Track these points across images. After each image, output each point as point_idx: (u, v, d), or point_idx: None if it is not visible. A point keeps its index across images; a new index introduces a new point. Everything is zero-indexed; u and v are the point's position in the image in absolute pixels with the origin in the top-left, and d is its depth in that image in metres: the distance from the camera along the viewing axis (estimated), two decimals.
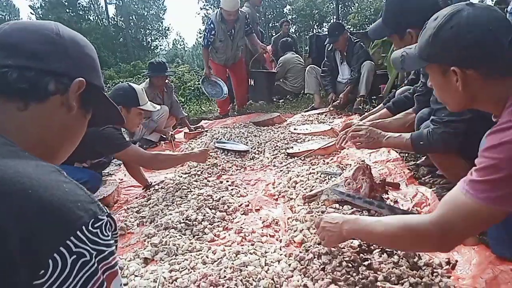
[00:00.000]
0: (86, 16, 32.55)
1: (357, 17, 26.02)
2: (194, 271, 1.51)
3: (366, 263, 1.39)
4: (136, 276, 1.56)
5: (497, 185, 0.84)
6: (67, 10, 30.56)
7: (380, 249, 1.49)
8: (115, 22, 33.92)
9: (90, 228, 0.53)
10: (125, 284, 1.51)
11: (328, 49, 4.72)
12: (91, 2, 33.62)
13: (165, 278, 1.48)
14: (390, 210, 1.74)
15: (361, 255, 1.46)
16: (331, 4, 30.72)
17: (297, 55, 6.15)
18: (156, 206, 2.21)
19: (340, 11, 24.88)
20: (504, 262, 1.29)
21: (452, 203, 0.95)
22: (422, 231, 1.00)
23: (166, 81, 4.18)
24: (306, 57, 6.02)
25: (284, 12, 35.23)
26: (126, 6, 33.28)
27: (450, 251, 1.07)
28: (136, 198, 2.52)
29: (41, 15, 30.81)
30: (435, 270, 1.36)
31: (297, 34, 25.81)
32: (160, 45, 37.76)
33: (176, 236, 1.84)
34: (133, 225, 2.09)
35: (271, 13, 35.78)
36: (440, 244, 0.99)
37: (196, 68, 14.07)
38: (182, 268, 1.55)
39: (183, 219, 1.97)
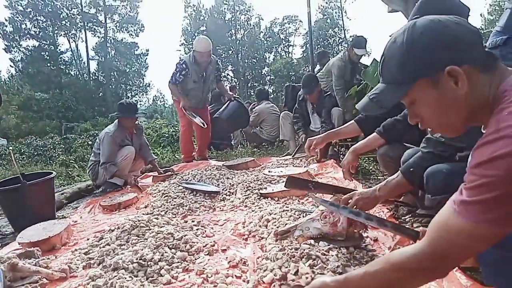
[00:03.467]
0: (67, 71, 32.84)
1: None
2: None
3: None
4: None
5: (493, 205, 0.72)
6: (48, 64, 30.82)
7: None
8: (96, 77, 34.33)
9: None
10: None
11: (300, 99, 4.74)
12: (73, 57, 34.17)
13: None
14: (378, 222, 1.53)
15: None
16: (307, 67, 32.48)
17: (272, 104, 6.20)
18: (108, 246, 1.92)
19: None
20: None
21: (443, 228, 0.82)
22: (414, 265, 0.85)
23: (136, 122, 4.02)
24: (282, 106, 6.09)
25: (263, 73, 36.85)
26: (108, 62, 33.96)
27: (445, 276, 0.90)
28: (88, 239, 2.22)
29: (20, 68, 30.91)
30: None
31: (274, 94, 26.70)
32: (140, 101, 38.06)
33: (125, 278, 1.56)
34: (78, 267, 1.79)
35: (250, 73, 37.31)
36: (435, 274, 0.87)
37: (174, 123, 14.07)
38: None
39: (136, 259, 1.70)
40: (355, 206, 1.77)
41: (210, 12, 36.33)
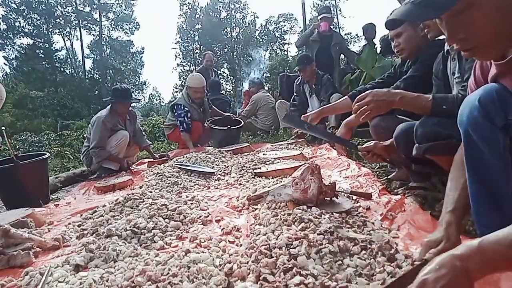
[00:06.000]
0: (62, 69, 32.59)
1: None
2: (132, 270, 1.24)
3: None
4: (60, 282, 1.27)
5: None
6: (43, 62, 30.57)
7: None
8: (91, 75, 34.13)
9: None
10: None
11: (297, 83, 4.77)
12: (68, 56, 33.95)
13: (94, 280, 1.21)
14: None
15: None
16: None
17: (268, 94, 6.21)
18: (101, 217, 1.92)
19: None
20: None
21: None
22: None
23: (130, 108, 4.01)
24: (277, 95, 6.10)
25: None
26: (104, 61, 33.77)
27: None
28: (81, 215, 2.21)
29: (15, 66, 30.64)
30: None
31: (270, 92, 26.65)
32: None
33: (118, 243, 1.56)
34: (71, 237, 1.79)
35: (246, 71, 37.25)
36: None
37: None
38: (117, 269, 1.27)
39: (130, 227, 1.70)
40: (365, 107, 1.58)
41: (205, 10, 36.21)
